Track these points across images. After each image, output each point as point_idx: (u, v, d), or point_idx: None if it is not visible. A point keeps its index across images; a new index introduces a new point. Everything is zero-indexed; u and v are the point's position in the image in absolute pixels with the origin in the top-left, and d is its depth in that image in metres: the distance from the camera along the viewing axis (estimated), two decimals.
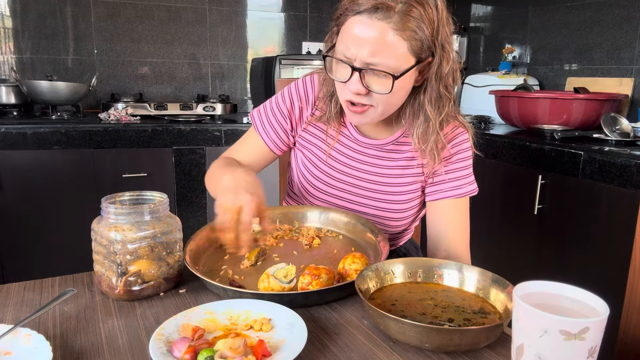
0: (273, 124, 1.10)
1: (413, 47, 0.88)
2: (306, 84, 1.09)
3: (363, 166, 1.07)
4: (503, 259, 1.97)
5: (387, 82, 0.88)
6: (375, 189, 1.06)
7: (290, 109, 1.09)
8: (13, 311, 0.74)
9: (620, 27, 2.15)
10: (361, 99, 0.91)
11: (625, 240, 1.49)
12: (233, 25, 2.86)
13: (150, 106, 2.38)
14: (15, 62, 2.50)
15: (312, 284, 0.76)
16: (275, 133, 1.10)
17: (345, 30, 0.89)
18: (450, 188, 1.04)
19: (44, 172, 2.05)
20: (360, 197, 1.07)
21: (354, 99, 0.92)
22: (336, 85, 0.97)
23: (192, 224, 2.29)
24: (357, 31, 0.86)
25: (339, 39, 0.91)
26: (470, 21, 2.97)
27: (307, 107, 1.09)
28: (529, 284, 0.55)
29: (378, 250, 0.90)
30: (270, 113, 1.10)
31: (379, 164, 1.06)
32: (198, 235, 0.95)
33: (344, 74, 0.90)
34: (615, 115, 1.83)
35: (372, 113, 0.94)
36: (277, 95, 1.11)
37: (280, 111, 1.09)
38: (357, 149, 1.07)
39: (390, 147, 1.06)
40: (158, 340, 0.63)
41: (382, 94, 0.89)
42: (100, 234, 0.77)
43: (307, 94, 1.09)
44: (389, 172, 1.06)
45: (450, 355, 0.65)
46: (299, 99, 1.09)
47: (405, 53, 0.88)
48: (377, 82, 0.89)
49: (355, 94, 0.91)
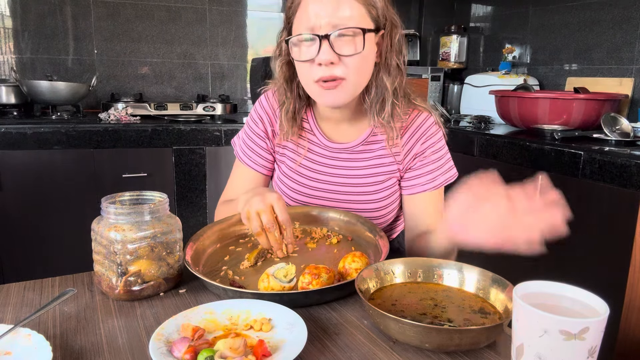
0: (254, 149, 1.12)
1: (370, 12, 0.91)
2: (269, 99, 1.12)
3: (336, 171, 1.08)
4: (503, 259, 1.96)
5: (356, 41, 0.89)
6: (351, 191, 1.08)
7: (264, 128, 1.11)
8: (13, 311, 0.74)
9: (620, 27, 2.15)
10: (333, 69, 0.90)
11: (625, 240, 1.49)
12: (233, 25, 2.86)
13: (150, 106, 2.37)
14: (15, 62, 2.50)
15: (312, 283, 0.76)
16: (259, 156, 1.12)
17: (301, 9, 0.91)
18: (426, 182, 1.05)
19: (44, 172, 2.04)
20: (338, 201, 1.09)
21: (325, 74, 0.90)
22: (302, 72, 0.95)
23: (192, 224, 2.29)
24: (314, 1, 0.89)
25: (296, 21, 0.93)
26: (470, 21, 2.97)
27: (275, 121, 1.10)
28: (529, 284, 0.55)
29: (378, 250, 0.90)
30: (249, 140, 1.13)
31: (351, 167, 1.07)
32: (198, 236, 0.95)
33: (311, 50, 0.90)
34: (615, 115, 1.83)
35: (345, 87, 0.92)
36: (248, 120, 1.14)
37: (256, 134, 1.12)
38: (328, 155, 1.08)
39: (360, 148, 1.07)
40: (158, 340, 0.63)
41: (355, 56, 0.89)
42: (100, 234, 0.77)
43: (273, 107, 1.11)
44: (363, 173, 1.07)
45: (450, 355, 0.65)
46: (267, 117, 1.11)
47: (364, 16, 0.91)
48: (346, 45, 0.89)
49: (327, 65, 0.89)
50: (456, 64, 2.97)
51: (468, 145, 2.11)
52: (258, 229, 0.88)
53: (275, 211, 0.88)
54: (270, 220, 0.87)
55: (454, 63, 2.97)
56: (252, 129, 1.13)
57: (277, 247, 0.89)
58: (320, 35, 0.88)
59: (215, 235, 0.99)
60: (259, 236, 0.89)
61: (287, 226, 0.89)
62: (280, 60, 1.02)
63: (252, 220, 0.88)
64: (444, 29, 2.98)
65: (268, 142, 1.12)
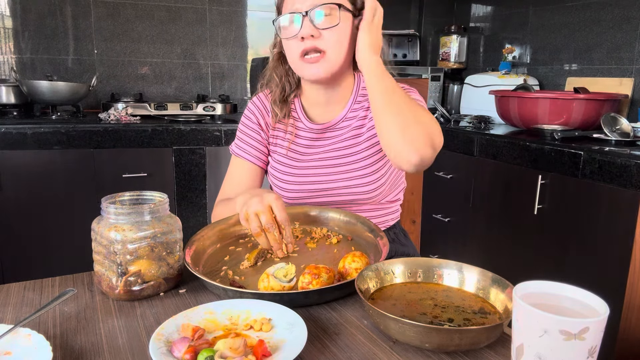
0: (247, 141, 1.18)
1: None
2: (260, 97, 1.20)
3: (322, 150, 1.13)
4: (503, 259, 1.97)
5: (334, 15, 0.99)
6: (339, 170, 1.12)
7: (257, 122, 1.18)
8: (13, 311, 0.74)
9: (620, 27, 2.15)
10: (314, 42, 0.99)
11: (625, 240, 1.49)
12: (233, 25, 2.86)
13: (150, 106, 2.38)
14: (15, 62, 2.50)
15: (312, 283, 0.76)
16: (252, 147, 1.17)
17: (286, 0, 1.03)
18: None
19: (44, 172, 2.05)
20: (329, 182, 1.12)
21: (307, 46, 1.00)
22: (288, 50, 1.05)
23: (192, 224, 2.29)
24: None
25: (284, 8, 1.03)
26: (470, 21, 2.97)
27: (267, 114, 1.18)
28: (529, 284, 0.55)
29: (378, 249, 0.90)
30: (242, 134, 1.19)
31: (336, 145, 1.13)
32: (198, 236, 0.95)
33: (294, 26, 1.00)
34: (615, 115, 1.83)
35: (326, 60, 1.01)
36: (242, 118, 1.21)
37: (249, 127, 1.18)
38: (313, 137, 1.14)
39: (341, 125, 1.13)
40: (158, 340, 0.63)
41: (332, 28, 0.99)
42: (100, 234, 0.77)
43: (264, 103, 1.19)
44: (348, 151, 1.12)
45: (450, 355, 0.65)
46: (259, 111, 1.18)
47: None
48: (325, 21, 0.99)
49: (308, 38, 0.99)
50: (456, 64, 2.97)
51: (468, 145, 2.11)
52: (257, 229, 0.88)
53: (274, 211, 0.89)
54: (269, 220, 0.88)
55: (454, 63, 2.97)
56: (245, 123, 1.19)
57: (277, 247, 0.90)
58: (301, 13, 0.98)
59: (216, 235, 0.99)
60: (258, 237, 0.89)
61: (286, 226, 0.90)
62: (275, 50, 1.13)
63: (251, 221, 0.89)
64: (444, 29, 2.98)
65: (262, 134, 1.17)
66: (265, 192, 0.92)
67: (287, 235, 0.91)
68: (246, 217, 0.89)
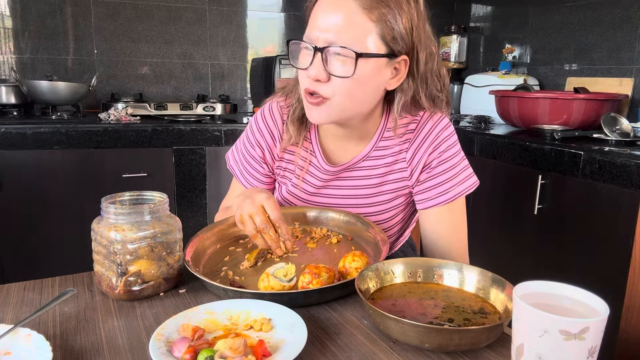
0: (253, 174, 1.08)
1: (383, 32, 0.83)
2: (267, 121, 1.04)
3: (335, 191, 1.04)
4: (503, 259, 1.96)
5: (350, 63, 0.82)
6: (354, 206, 1.04)
7: (262, 154, 1.05)
8: (13, 311, 0.74)
9: (620, 27, 2.15)
10: (318, 86, 0.85)
11: (625, 240, 1.49)
12: (233, 25, 2.86)
13: (150, 106, 2.37)
14: (15, 62, 2.50)
15: (312, 282, 0.76)
16: (257, 180, 1.08)
17: (313, 13, 0.86)
18: (438, 194, 0.97)
19: (44, 172, 2.04)
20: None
21: (310, 87, 0.86)
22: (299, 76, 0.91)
23: (192, 224, 2.29)
24: (323, 8, 0.83)
25: (309, 23, 0.87)
26: (470, 21, 2.97)
27: (275, 145, 1.04)
28: (529, 284, 0.55)
29: (378, 249, 0.90)
30: (246, 162, 1.08)
31: (351, 185, 1.03)
32: (198, 236, 0.95)
33: (306, 59, 0.85)
34: (615, 115, 1.83)
35: (329, 107, 0.87)
36: (245, 140, 1.07)
37: (254, 159, 1.06)
38: (326, 178, 1.03)
39: (361, 165, 1.01)
40: (158, 340, 0.63)
41: (344, 78, 0.83)
42: (100, 234, 0.77)
43: (272, 132, 1.04)
44: (363, 192, 1.02)
45: (450, 355, 0.65)
46: (265, 142, 1.04)
47: (374, 37, 0.83)
48: (340, 65, 0.82)
49: (314, 80, 0.85)
50: (456, 64, 2.97)
51: (468, 145, 2.11)
52: (252, 231, 0.88)
53: (267, 211, 0.88)
54: (263, 220, 0.87)
55: (454, 63, 2.97)
56: (249, 152, 1.07)
57: (274, 246, 0.89)
58: (315, 47, 0.83)
59: (216, 235, 0.99)
60: (255, 238, 0.89)
61: (281, 224, 0.88)
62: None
63: (246, 224, 0.88)
64: (444, 29, 2.98)
65: (265, 167, 1.07)
66: (256, 192, 0.90)
67: (283, 233, 0.89)
68: (241, 220, 0.89)
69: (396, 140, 0.98)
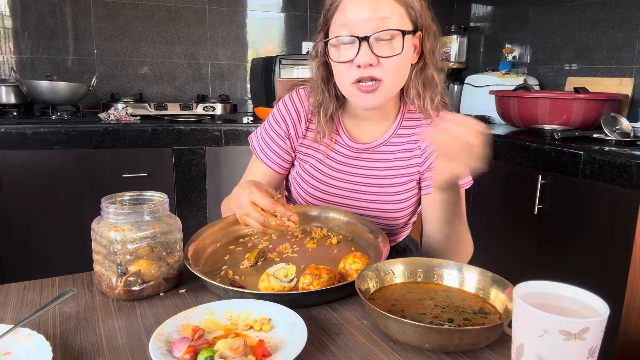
0: (273, 148, 1.11)
1: (409, 13, 0.93)
2: (294, 100, 1.10)
3: (358, 170, 1.08)
4: (503, 259, 1.96)
5: (394, 42, 0.91)
6: (371, 191, 1.07)
7: (286, 129, 1.10)
8: (13, 311, 0.74)
9: (620, 27, 2.15)
10: (372, 71, 0.91)
11: (625, 240, 1.49)
12: (233, 25, 2.86)
13: (150, 106, 2.37)
14: (15, 62, 2.50)
15: (312, 283, 0.76)
16: (277, 155, 1.11)
17: (340, 10, 0.93)
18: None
19: (44, 172, 2.04)
20: (358, 200, 1.08)
21: (363, 74, 0.92)
22: (338, 73, 0.97)
23: (192, 224, 2.29)
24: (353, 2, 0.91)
25: (334, 23, 0.95)
26: (470, 21, 2.97)
27: (299, 124, 1.10)
28: (529, 284, 0.55)
29: (378, 250, 0.90)
30: (268, 138, 1.11)
31: (372, 167, 1.07)
32: (198, 235, 0.95)
33: (349, 51, 0.92)
34: (615, 115, 1.83)
35: (382, 89, 0.94)
36: (270, 118, 1.13)
37: (277, 134, 1.10)
38: (350, 154, 1.08)
39: (382, 148, 1.07)
40: (158, 340, 0.63)
41: (394, 57, 0.91)
42: (100, 234, 0.77)
43: (298, 110, 1.10)
44: (384, 173, 1.07)
45: (450, 355, 0.65)
46: (290, 118, 1.10)
47: (404, 17, 0.93)
48: (385, 47, 0.91)
49: (366, 67, 0.91)
50: (456, 64, 2.97)
51: None
52: (259, 227, 0.87)
53: (258, 204, 0.87)
54: (260, 215, 0.86)
55: (454, 63, 2.97)
56: (273, 127, 1.11)
57: (283, 228, 0.88)
58: (360, 37, 0.90)
59: (215, 235, 0.99)
60: (265, 231, 0.88)
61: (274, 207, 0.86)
62: (317, 61, 1.04)
63: (249, 224, 0.88)
64: (444, 29, 2.98)
65: (288, 143, 1.10)
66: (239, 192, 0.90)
67: (280, 213, 0.86)
68: (244, 222, 0.90)
69: (413, 130, 1.07)
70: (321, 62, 1.03)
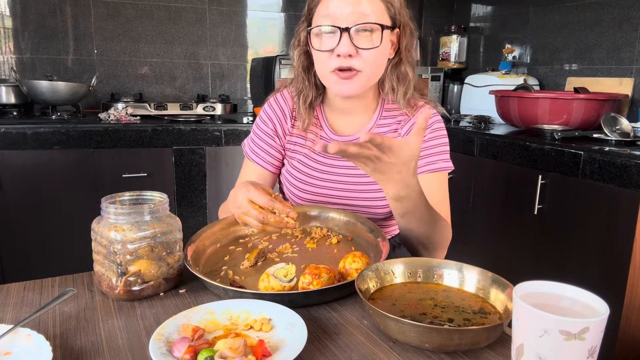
0: (263, 147, 1.14)
1: (388, 9, 0.99)
2: (278, 100, 1.15)
3: (342, 162, 1.11)
4: (503, 259, 1.96)
5: (374, 36, 0.95)
6: (357, 181, 1.10)
7: (274, 127, 1.14)
8: (13, 311, 0.74)
9: (620, 27, 2.15)
10: (351, 61, 0.95)
11: (625, 240, 1.49)
12: (233, 25, 2.86)
13: (150, 106, 2.38)
14: (15, 62, 2.50)
15: (312, 283, 0.76)
16: (267, 153, 1.14)
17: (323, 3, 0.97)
18: (426, 164, 1.06)
19: (44, 172, 2.05)
20: (345, 191, 1.11)
21: (343, 64, 0.96)
22: (320, 62, 1.00)
23: (192, 224, 2.29)
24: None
25: (317, 13, 0.98)
26: (470, 21, 2.97)
27: (285, 121, 1.13)
28: (529, 284, 0.55)
29: (378, 250, 0.90)
30: (257, 138, 1.15)
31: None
32: (198, 236, 0.95)
33: (331, 41, 0.96)
34: (615, 115, 1.83)
35: (360, 79, 0.98)
36: (257, 120, 1.17)
37: (265, 133, 1.14)
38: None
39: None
40: (158, 340, 0.63)
41: (372, 49, 0.95)
42: (100, 234, 0.77)
43: (283, 108, 1.14)
44: None
45: (450, 355, 0.65)
46: (276, 116, 1.14)
47: (383, 13, 0.98)
48: (365, 39, 0.95)
49: (346, 57, 0.95)
50: (456, 64, 2.97)
51: (468, 145, 2.11)
52: (259, 225, 0.87)
53: (255, 201, 0.87)
54: (258, 214, 0.86)
55: (454, 63, 2.97)
56: (261, 127, 1.15)
57: (282, 225, 0.87)
58: (341, 28, 0.94)
59: (215, 235, 0.99)
60: (265, 229, 0.88)
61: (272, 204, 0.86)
62: (299, 50, 1.08)
63: (248, 224, 0.89)
64: (444, 29, 2.98)
65: (277, 140, 1.14)
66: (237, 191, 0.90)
67: (280, 210, 0.86)
68: (243, 222, 0.90)
69: (393, 119, 1.10)
70: (302, 50, 1.07)
